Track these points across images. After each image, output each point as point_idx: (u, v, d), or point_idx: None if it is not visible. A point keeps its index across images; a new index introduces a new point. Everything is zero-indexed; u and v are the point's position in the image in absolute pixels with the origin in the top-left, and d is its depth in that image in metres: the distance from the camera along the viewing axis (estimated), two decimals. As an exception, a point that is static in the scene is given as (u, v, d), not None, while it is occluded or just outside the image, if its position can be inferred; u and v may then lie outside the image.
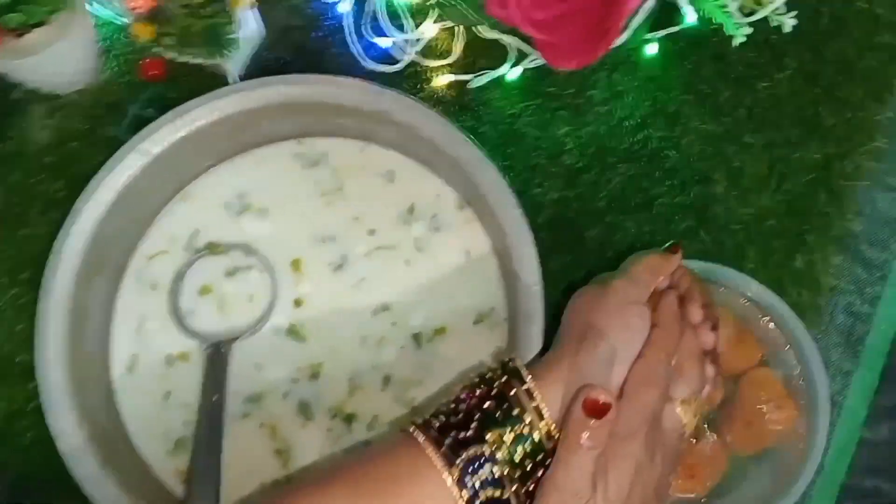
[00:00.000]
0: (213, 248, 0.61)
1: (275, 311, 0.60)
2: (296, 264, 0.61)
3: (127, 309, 0.60)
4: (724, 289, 0.61)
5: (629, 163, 0.65)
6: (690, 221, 0.64)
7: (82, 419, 0.54)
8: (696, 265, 0.60)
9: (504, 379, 0.49)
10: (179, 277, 0.60)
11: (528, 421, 0.46)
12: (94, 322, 0.58)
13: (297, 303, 0.60)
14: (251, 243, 0.61)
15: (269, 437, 0.58)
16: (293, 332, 0.60)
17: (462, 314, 0.60)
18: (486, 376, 0.49)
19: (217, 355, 0.58)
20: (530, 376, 0.48)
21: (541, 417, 0.47)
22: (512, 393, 0.48)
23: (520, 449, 0.46)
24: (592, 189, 0.64)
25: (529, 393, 0.47)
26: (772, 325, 0.60)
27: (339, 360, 0.59)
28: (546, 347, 0.57)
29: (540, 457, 0.47)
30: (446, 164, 0.60)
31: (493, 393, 0.48)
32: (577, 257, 0.63)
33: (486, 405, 0.47)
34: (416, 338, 0.59)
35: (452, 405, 0.48)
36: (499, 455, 0.45)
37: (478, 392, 0.48)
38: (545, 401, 0.47)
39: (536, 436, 0.46)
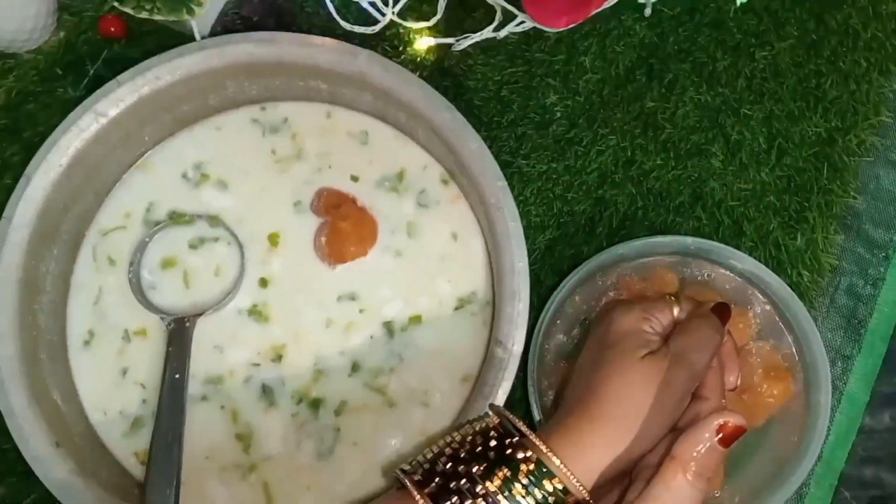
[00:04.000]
0: (177, 218, 0.57)
1: (241, 287, 0.56)
2: (273, 238, 0.57)
3: (84, 283, 0.56)
4: (720, 267, 0.58)
5: (621, 134, 0.62)
6: (685, 197, 0.61)
7: (34, 396, 0.51)
8: (692, 242, 0.57)
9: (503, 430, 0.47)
10: (141, 248, 0.56)
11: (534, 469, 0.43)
12: (50, 295, 0.55)
13: (263, 282, 0.56)
14: (216, 214, 0.57)
15: (229, 420, 0.54)
16: (255, 312, 0.56)
17: (441, 301, 0.57)
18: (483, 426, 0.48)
19: (180, 331, 0.54)
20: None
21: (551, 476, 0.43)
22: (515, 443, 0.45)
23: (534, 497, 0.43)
24: (582, 161, 0.61)
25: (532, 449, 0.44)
26: (769, 306, 0.57)
27: (302, 344, 0.56)
28: (531, 328, 0.54)
29: None
30: (425, 131, 0.56)
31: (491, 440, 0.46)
32: (565, 233, 0.60)
33: (481, 451, 0.45)
34: (388, 326, 0.56)
35: (447, 452, 0.46)
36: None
37: (477, 440, 0.46)
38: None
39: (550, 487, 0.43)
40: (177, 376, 0.53)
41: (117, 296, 0.56)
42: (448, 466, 0.44)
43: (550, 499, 0.42)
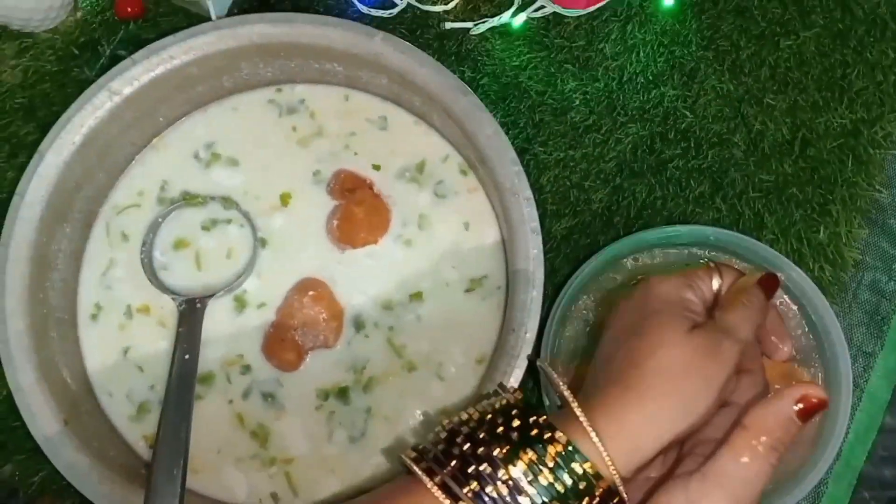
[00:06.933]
0: (189, 200, 0.57)
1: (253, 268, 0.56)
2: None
3: (95, 256, 0.56)
4: (740, 259, 0.56)
5: (641, 122, 0.60)
6: (705, 187, 0.60)
7: (43, 373, 0.50)
8: (711, 232, 0.56)
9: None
10: (154, 229, 0.56)
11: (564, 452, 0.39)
12: (61, 273, 0.54)
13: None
14: (228, 195, 0.57)
15: (236, 420, 0.55)
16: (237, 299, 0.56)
17: (449, 284, 0.56)
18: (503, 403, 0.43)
19: (192, 312, 0.54)
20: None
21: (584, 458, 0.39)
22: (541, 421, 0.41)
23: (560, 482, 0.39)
24: (600, 149, 0.60)
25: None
26: (790, 300, 0.56)
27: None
28: (545, 317, 0.53)
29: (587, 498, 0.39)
30: (441, 115, 0.55)
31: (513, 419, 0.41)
32: (581, 222, 0.59)
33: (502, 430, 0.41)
34: (388, 304, 0.56)
35: (464, 431, 0.42)
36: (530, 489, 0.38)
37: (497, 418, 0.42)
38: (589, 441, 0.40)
39: (579, 469, 0.39)
40: (187, 357, 0.52)
41: (126, 270, 0.56)
42: (466, 448, 0.40)
43: (581, 484, 0.38)
